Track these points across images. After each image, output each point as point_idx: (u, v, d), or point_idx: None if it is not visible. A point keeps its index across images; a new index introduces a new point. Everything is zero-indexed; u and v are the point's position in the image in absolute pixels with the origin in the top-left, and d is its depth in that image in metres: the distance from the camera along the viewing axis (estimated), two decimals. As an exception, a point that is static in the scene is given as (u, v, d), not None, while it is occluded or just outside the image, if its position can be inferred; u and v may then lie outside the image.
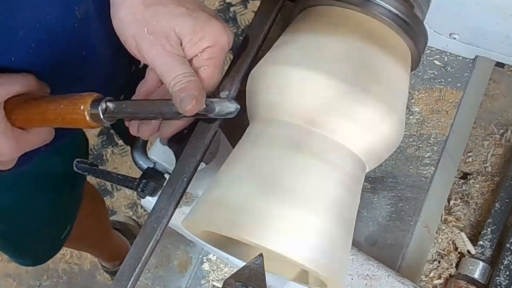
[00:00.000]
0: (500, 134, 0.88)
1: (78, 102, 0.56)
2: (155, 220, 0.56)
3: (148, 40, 0.56)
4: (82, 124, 0.56)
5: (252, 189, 0.51)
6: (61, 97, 0.57)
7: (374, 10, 0.56)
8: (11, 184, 0.85)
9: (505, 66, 0.92)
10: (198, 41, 0.57)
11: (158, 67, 0.56)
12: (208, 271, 0.81)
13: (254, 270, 0.49)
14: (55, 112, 0.57)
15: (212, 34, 0.57)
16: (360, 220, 0.74)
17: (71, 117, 0.56)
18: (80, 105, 0.55)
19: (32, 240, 1.02)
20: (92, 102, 0.56)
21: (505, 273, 0.74)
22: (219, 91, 0.59)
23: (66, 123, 0.57)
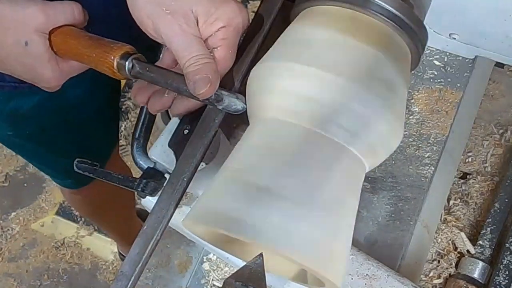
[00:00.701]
0: (500, 134, 0.88)
1: (110, 51, 0.59)
2: (155, 220, 0.56)
3: (166, 19, 0.56)
4: (110, 73, 0.59)
5: (252, 188, 0.51)
6: (97, 41, 0.60)
7: (374, 10, 0.56)
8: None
9: (505, 66, 0.92)
10: (214, 21, 0.57)
11: (175, 47, 0.56)
12: (208, 270, 0.81)
13: (254, 270, 0.49)
14: (90, 56, 0.60)
15: (227, 14, 0.57)
16: (360, 220, 0.75)
17: (102, 65, 0.60)
18: (111, 55, 0.59)
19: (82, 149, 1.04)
20: (122, 54, 0.58)
21: (504, 272, 0.74)
22: (232, 75, 0.60)
23: (98, 68, 0.60)
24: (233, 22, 0.57)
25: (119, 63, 0.58)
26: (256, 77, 0.57)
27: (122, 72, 0.59)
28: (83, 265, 1.80)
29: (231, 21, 0.57)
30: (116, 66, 0.59)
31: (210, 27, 0.57)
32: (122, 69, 0.59)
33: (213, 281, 0.81)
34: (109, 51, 0.59)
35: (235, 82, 0.61)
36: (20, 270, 1.84)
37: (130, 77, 0.59)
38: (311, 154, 0.52)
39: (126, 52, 0.59)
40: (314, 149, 0.53)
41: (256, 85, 0.57)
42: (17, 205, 1.98)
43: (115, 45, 0.60)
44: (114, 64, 0.59)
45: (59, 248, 1.86)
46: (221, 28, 0.57)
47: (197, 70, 0.54)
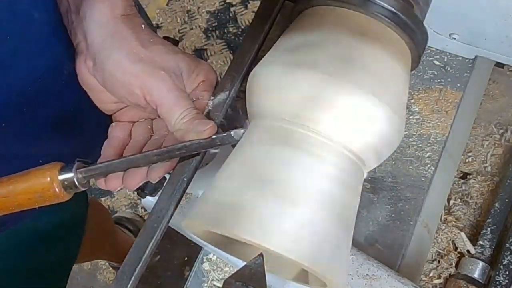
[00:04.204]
0: (500, 134, 0.88)
1: (41, 172, 0.53)
2: (155, 220, 0.56)
3: (159, 76, 0.57)
4: (52, 197, 0.54)
5: (249, 188, 0.51)
6: (13, 175, 0.54)
7: (374, 10, 0.56)
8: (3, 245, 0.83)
9: (505, 66, 0.92)
10: (196, 76, 0.59)
11: (167, 103, 0.57)
12: (208, 270, 0.81)
13: (254, 270, 0.49)
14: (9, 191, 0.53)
15: (204, 70, 0.60)
16: (360, 220, 0.75)
17: (32, 192, 0.52)
18: (46, 177, 0.52)
19: None
20: (60, 170, 0.54)
21: (504, 272, 0.74)
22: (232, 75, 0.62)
23: (25, 202, 0.53)
24: (209, 77, 0.60)
25: (62, 177, 0.53)
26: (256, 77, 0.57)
27: (69, 189, 0.54)
28: (83, 265, 1.80)
29: (208, 77, 0.60)
30: (60, 185, 0.53)
31: (194, 82, 0.59)
32: (70, 184, 0.54)
33: (213, 281, 0.81)
34: (40, 177, 0.52)
35: (235, 82, 0.61)
36: (20, 270, 1.84)
37: (83, 187, 0.55)
38: (346, 174, 0.53)
39: (61, 166, 0.54)
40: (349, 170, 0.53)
41: (256, 84, 0.57)
42: (17, 205, 1.98)
43: (41, 167, 0.53)
44: (55, 185, 0.52)
45: (59, 248, 1.86)
46: (201, 82, 0.60)
47: (193, 117, 0.56)
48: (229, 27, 1.92)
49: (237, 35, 1.90)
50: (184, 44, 1.95)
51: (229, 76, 0.61)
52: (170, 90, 0.57)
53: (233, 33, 1.91)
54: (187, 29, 1.97)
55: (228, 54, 1.90)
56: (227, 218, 0.50)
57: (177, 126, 0.56)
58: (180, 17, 1.99)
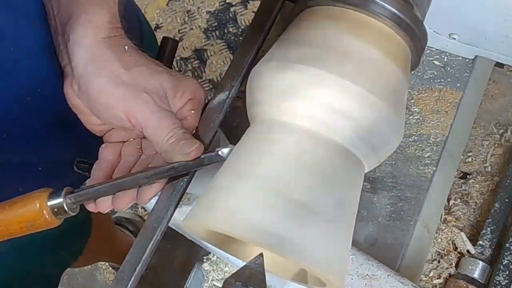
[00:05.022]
0: (500, 134, 0.88)
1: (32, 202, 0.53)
2: (155, 220, 0.56)
3: (141, 98, 0.56)
4: (43, 224, 0.54)
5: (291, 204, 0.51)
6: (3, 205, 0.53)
7: (374, 10, 0.56)
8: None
9: (505, 66, 0.92)
10: (182, 95, 0.59)
11: (152, 124, 0.57)
12: (208, 270, 0.81)
13: (254, 270, 0.49)
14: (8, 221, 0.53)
15: (191, 88, 0.59)
16: (360, 220, 0.75)
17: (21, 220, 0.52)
18: (35, 202, 0.52)
19: None
20: (49, 195, 0.54)
21: (504, 272, 0.74)
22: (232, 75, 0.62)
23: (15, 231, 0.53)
24: (197, 95, 0.60)
25: (51, 203, 0.54)
26: (257, 77, 0.57)
27: (59, 215, 0.54)
28: (83, 265, 1.80)
29: (196, 94, 0.60)
30: (49, 211, 0.53)
31: (180, 101, 0.59)
32: (59, 210, 0.54)
33: (213, 281, 0.81)
34: (29, 205, 0.52)
35: (235, 82, 0.61)
36: (20, 270, 1.84)
37: (73, 212, 0.56)
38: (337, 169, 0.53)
39: (50, 192, 0.54)
40: (341, 164, 0.53)
41: (257, 84, 0.57)
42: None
43: (30, 194, 0.53)
44: (45, 212, 0.53)
45: (59, 248, 1.87)
46: (189, 100, 0.59)
47: (180, 137, 0.56)
48: (229, 27, 1.92)
49: (237, 35, 1.90)
50: (184, 44, 1.94)
51: (229, 76, 0.61)
52: (153, 112, 0.56)
53: (233, 33, 1.91)
54: (187, 29, 1.97)
55: (228, 54, 1.90)
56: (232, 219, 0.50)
57: (163, 148, 0.56)
58: (180, 17, 1.99)
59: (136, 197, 0.59)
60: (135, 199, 0.59)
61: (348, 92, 0.52)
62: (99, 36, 0.57)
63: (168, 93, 0.58)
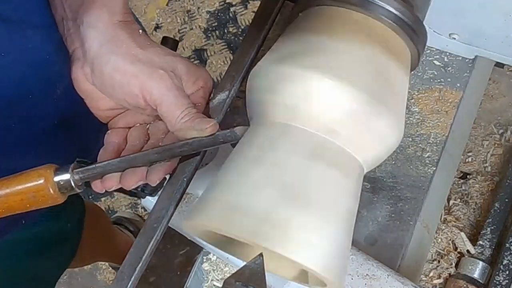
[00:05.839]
0: (500, 134, 0.88)
1: (38, 177, 0.51)
2: (155, 220, 0.56)
3: (158, 74, 0.57)
4: (48, 200, 0.52)
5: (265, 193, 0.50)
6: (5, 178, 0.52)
7: (374, 11, 0.56)
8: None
9: (505, 66, 0.92)
10: (196, 81, 0.59)
11: (167, 102, 0.57)
12: (208, 270, 0.81)
13: (254, 270, 0.49)
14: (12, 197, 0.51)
15: (204, 76, 0.60)
16: (360, 220, 0.75)
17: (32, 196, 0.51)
18: (42, 179, 0.51)
19: None
20: (55, 171, 0.53)
21: (504, 272, 0.74)
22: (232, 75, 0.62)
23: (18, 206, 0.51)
24: (208, 84, 0.60)
25: (57, 178, 0.52)
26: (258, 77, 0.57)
27: (63, 190, 0.53)
28: (83, 265, 1.80)
29: (207, 83, 0.60)
30: (54, 186, 0.52)
31: (193, 86, 0.59)
32: (65, 185, 0.53)
33: (213, 281, 0.81)
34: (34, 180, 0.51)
35: (235, 82, 0.61)
36: (20, 270, 1.84)
37: (78, 189, 0.54)
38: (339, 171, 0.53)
39: (56, 167, 0.53)
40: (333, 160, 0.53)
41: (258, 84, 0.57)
42: (17, 205, 1.98)
43: (36, 168, 0.51)
44: (49, 185, 0.51)
45: (59, 248, 1.87)
46: (201, 87, 0.59)
47: (194, 116, 0.56)
48: (229, 27, 1.92)
49: (237, 35, 1.90)
50: (184, 44, 1.94)
51: (229, 76, 0.61)
52: (169, 89, 0.56)
53: (233, 33, 1.91)
54: (187, 29, 1.97)
55: (228, 54, 1.90)
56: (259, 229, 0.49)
57: (177, 126, 0.56)
58: (180, 17, 1.99)
59: (146, 176, 0.57)
60: (145, 178, 0.57)
61: (348, 94, 0.52)
62: (114, 19, 0.58)
63: (183, 75, 0.58)
